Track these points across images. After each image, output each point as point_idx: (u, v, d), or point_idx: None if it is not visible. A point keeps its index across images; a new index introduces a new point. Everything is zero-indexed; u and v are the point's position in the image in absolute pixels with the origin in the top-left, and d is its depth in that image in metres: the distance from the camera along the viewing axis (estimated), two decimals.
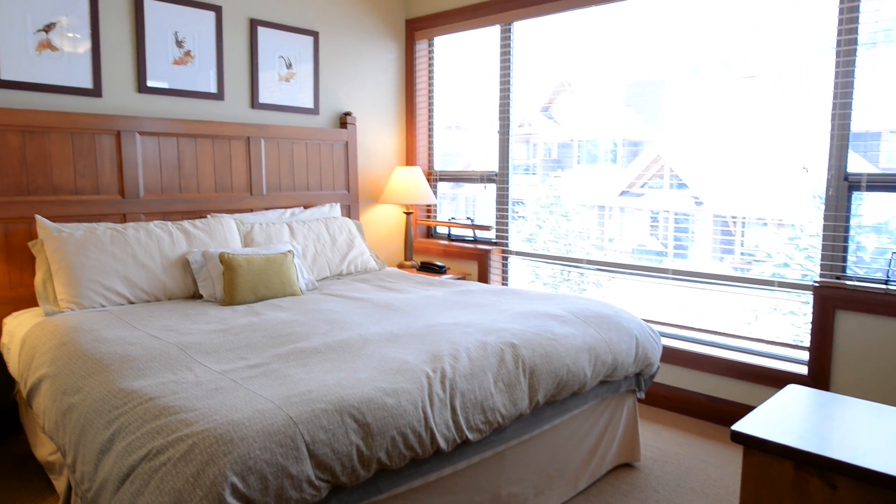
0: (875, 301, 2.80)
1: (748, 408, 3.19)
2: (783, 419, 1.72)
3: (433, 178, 4.85)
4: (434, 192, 4.79)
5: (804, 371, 3.07)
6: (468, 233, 4.67)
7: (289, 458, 1.56)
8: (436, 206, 4.90)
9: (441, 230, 4.91)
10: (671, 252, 3.71)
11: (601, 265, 3.88)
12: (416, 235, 4.91)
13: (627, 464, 2.85)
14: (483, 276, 4.42)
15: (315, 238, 3.72)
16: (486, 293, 3.13)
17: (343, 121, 4.37)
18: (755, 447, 1.62)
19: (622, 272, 3.80)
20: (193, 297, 3.12)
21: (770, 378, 3.13)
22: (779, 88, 3.24)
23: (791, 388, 1.96)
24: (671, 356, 3.45)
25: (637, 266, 3.71)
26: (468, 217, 4.76)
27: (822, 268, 2.99)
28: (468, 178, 4.66)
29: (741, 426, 1.67)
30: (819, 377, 2.99)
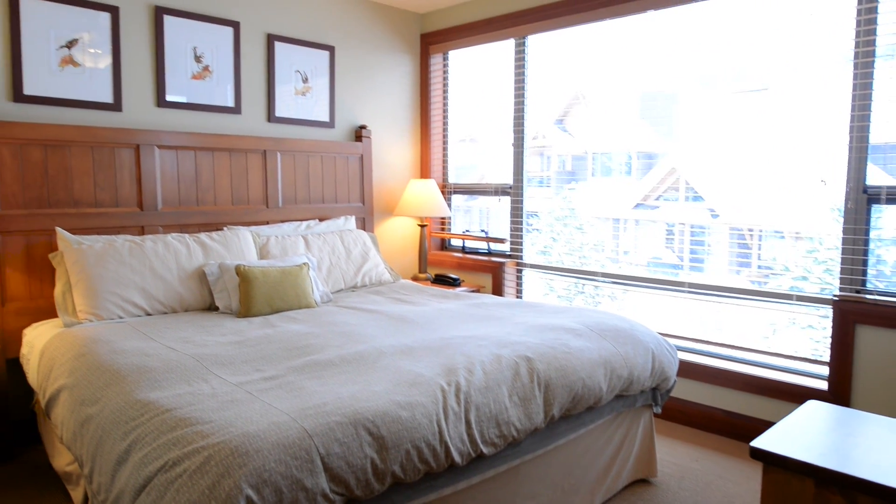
0: None
1: (767, 423, 3.14)
2: (803, 435, 1.69)
3: (447, 191, 4.87)
4: (448, 205, 4.80)
5: (824, 386, 3.02)
6: (482, 245, 4.67)
7: (304, 471, 1.56)
8: (450, 219, 4.91)
9: (455, 242, 4.91)
10: (687, 265, 3.69)
11: (616, 278, 3.86)
12: (431, 248, 4.91)
13: (644, 479, 2.81)
14: (497, 289, 4.41)
15: (330, 250, 3.74)
16: (501, 306, 3.12)
17: (358, 134, 4.40)
18: (775, 464, 1.60)
19: (637, 285, 3.77)
20: (209, 309, 3.15)
21: (789, 393, 3.08)
22: (795, 100, 3.22)
23: (811, 404, 1.94)
24: (688, 370, 3.42)
25: (652, 279, 3.69)
26: (482, 229, 4.76)
27: (842, 281, 2.95)
28: (482, 191, 4.66)
29: (760, 442, 1.64)
30: (839, 393, 2.94)
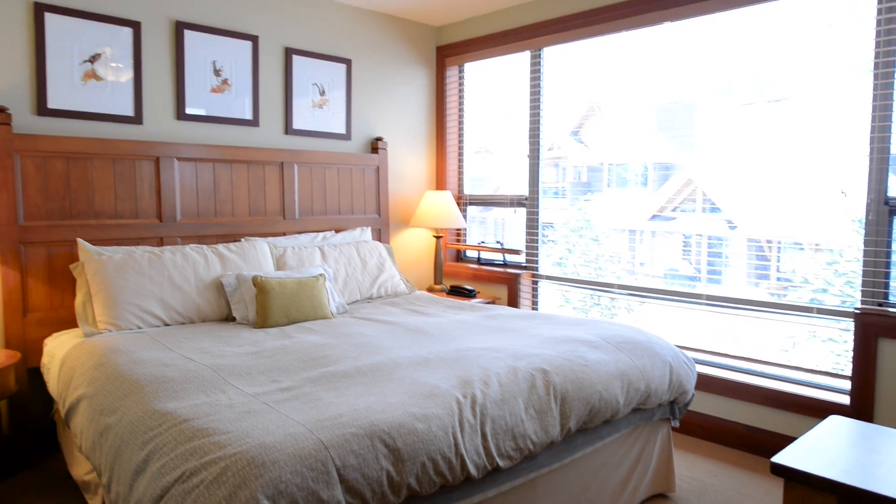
0: None
1: (787, 438, 3.09)
2: (825, 451, 1.66)
3: (463, 202, 4.88)
4: (464, 216, 4.81)
5: (846, 401, 2.97)
6: (498, 256, 4.67)
7: (319, 483, 1.56)
8: (465, 230, 4.91)
9: (471, 254, 4.91)
10: (704, 277, 3.65)
11: (632, 290, 3.83)
12: (446, 259, 4.92)
13: (662, 494, 2.78)
14: (513, 301, 4.39)
15: (346, 262, 3.75)
16: (517, 318, 3.11)
17: (374, 146, 4.43)
18: (797, 480, 1.57)
19: (654, 297, 3.74)
20: (227, 320, 3.17)
21: (810, 408, 3.03)
22: (815, 110, 3.19)
23: (833, 419, 1.90)
24: (706, 384, 3.38)
25: (669, 291, 3.66)
26: (498, 241, 4.76)
27: (864, 294, 2.91)
28: (498, 202, 4.67)
29: (782, 458, 1.62)
30: (862, 408, 2.89)
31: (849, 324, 3.00)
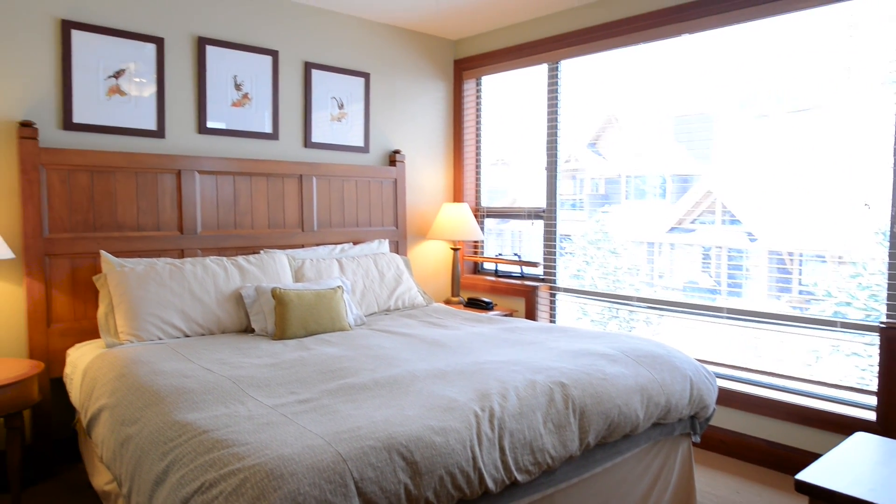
0: None
1: (812, 455, 3.04)
2: (851, 469, 1.63)
3: (480, 214, 4.88)
4: (481, 228, 4.81)
5: (872, 417, 2.91)
6: (515, 269, 4.66)
7: (337, 495, 1.56)
8: (483, 242, 4.91)
9: (488, 266, 4.91)
10: (724, 290, 3.61)
11: (651, 303, 3.80)
12: (463, 271, 4.92)
13: None
14: (530, 313, 4.38)
15: (364, 274, 3.77)
16: (535, 330, 3.10)
17: (392, 158, 4.45)
18: (822, 498, 1.54)
19: (674, 310, 3.71)
20: (245, 331, 3.19)
21: (835, 424, 2.97)
22: (836, 122, 3.16)
23: (859, 436, 1.87)
24: (727, 398, 3.33)
25: (689, 304, 3.62)
26: (515, 253, 4.75)
27: (889, 307, 2.85)
28: (515, 215, 4.66)
29: (806, 475, 1.59)
30: (889, 424, 2.83)
31: (874, 338, 2.94)
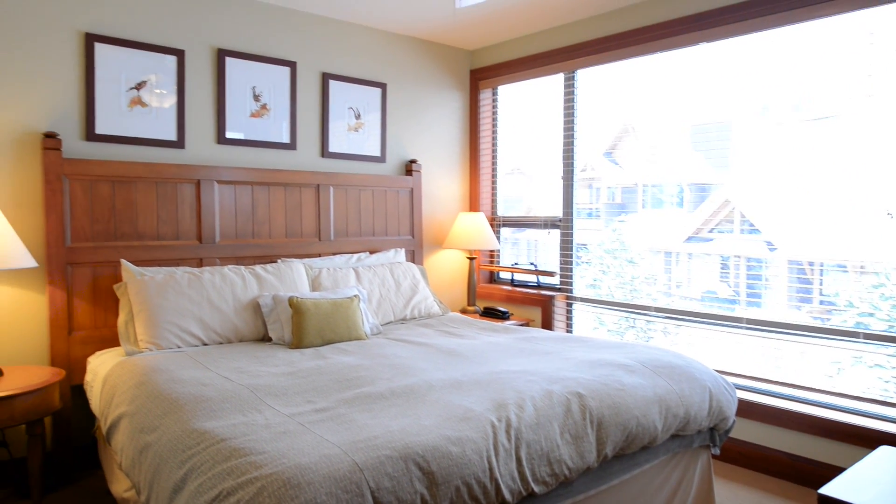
0: None
1: (834, 469, 2.98)
2: (875, 484, 1.60)
3: (496, 224, 4.88)
4: (497, 237, 4.80)
5: None
6: (531, 278, 4.64)
7: None
8: (499, 252, 4.90)
9: (504, 275, 4.90)
10: (743, 300, 3.57)
11: (669, 313, 3.77)
12: (479, 280, 4.91)
13: None
14: (547, 323, 4.36)
15: (380, 283, 3.78)
16: (551, 340, 3.08)
17: (408, 168, 4.47)
18: None
19: (692, 320, 3.67)
20: (263, 340, 3.21)
21: (858, 437, 2.92)
22: (858, 129, 3.12)
23: (883, 450, 1.83)
24: (747, 410, 3.28)
25: (707, 314, 3.58)
26: (531, 262, 4.73)
27: None
28: (531, 224, 4.65)
29: (830, 490, 1.56)
30: None
31: None
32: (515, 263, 4.82)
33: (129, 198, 3.27)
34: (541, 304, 4.40)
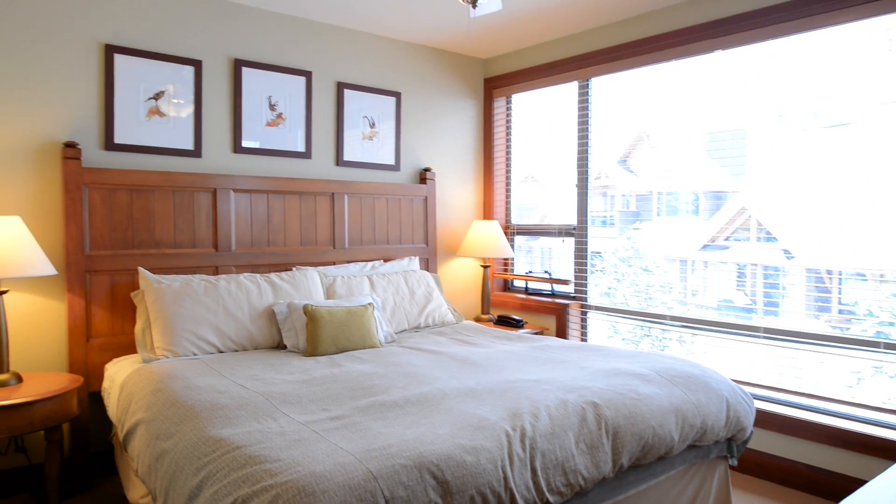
0: None
1: (855, 481, 2.93)
2: None
3: (510, 232, 4.87)
4: (511, 246, 4.80)
5: None
6: (545, 286, 4.63)
7: None
8: (513, 260, 4.90)
9: (518, 283, 4.89)
10: (761, 308, 3.53)
11: (685, 321, 3.73)
12: (493, 289, 4.90)
13: None
14: (561, 331, 4.34)
15: (394, 291, 3.79)
16: (566, 349, 3.07)
17: (423, 176, 4.49)
18: None
19: (708, 329, 3.64)
20: (277, 347, 3.23)
21: (879, 448, 2.87)
22: (876, 136, 3.09)
23: None
24: (765, 421, 3.24)
25: (724, 323, 3.55)
26: (545, 270, 4.72)
27: None
28: (546, 232, 4.64)
29: (851, 503, 1.53)
30: None
31: None
32: (530, 272, 4.81)
33: (147, 206, 3.31)
34: (555, 313, 4.38)
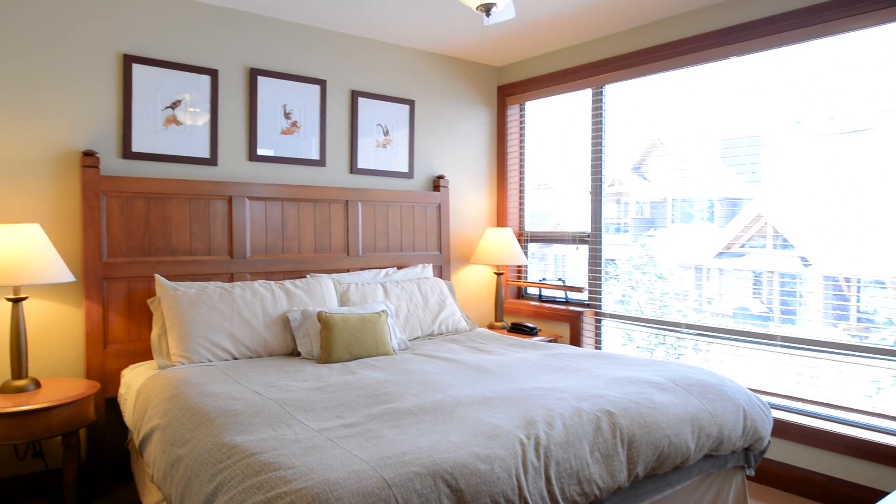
0: None
1: (874, 492, 2.88)
2: None
3: (524, 239, 4.86)
4: (524, 253, 4.79)
5: None
6: (559, 294, 4.61)
7: None
8: (526, 267, 4.88)
9: (532, 291, 4.87)
10: (777, 316, 3.50)
11: (700, 329, 3.70)
12: (507, 296, 4.89)
13: None
14: (575, 339, 4.32)
15: (408, 298, 3.79)
16: (580, 357, 3.05)
17: (436, 184, 4.50)
18: None
19: (724, 337, 3.60)
20: (291, 354, 3.24)
21: None
22: (892, 142, 3.05)
23: None
24: (783, 430, 3.20)
25: (740, 331, 3.51)
26: (559, 278, 4.70)
27: None
28: (559, 239, 4.63)
29: None
30: None
31: None
32: (543, 279, 4.79)
33: (164, 214, 3.34)
34: (569, 320, 4.37)
